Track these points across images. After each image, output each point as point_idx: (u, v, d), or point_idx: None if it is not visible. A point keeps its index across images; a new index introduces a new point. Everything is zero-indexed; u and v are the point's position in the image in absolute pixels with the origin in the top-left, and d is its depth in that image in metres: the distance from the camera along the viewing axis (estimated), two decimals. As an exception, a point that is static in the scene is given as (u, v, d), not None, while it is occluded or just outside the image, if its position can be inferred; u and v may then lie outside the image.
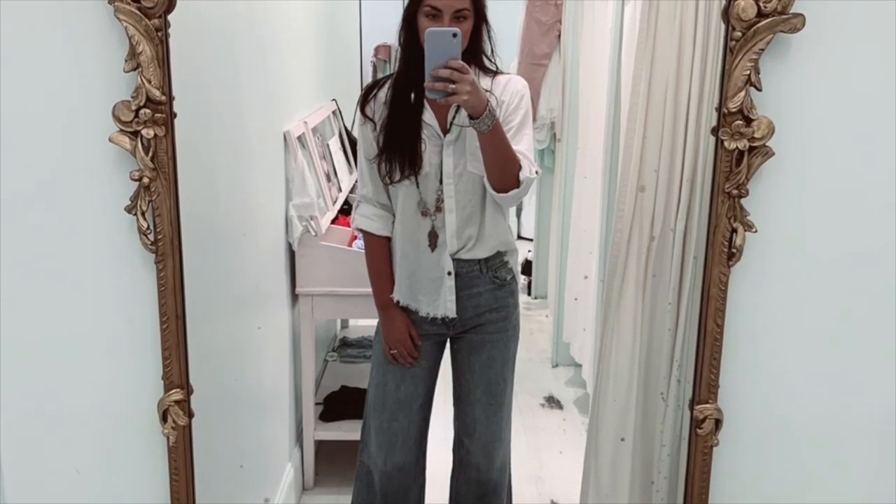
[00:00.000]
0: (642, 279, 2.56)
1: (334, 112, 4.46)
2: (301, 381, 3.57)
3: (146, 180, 1.87)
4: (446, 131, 2.49)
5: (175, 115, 1.87)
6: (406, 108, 2.49)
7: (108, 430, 2.08)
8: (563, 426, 4.22)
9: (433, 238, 2.56)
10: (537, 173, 2.48)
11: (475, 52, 2.47)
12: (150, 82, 1.82)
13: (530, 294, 6.10)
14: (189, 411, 2.02)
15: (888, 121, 2.01)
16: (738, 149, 1.94)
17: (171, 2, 1.81)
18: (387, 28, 2.85)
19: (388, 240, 2.65)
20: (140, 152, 1.85)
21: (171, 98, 1.86)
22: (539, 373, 4.89)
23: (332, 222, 3.66)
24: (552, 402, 4.47)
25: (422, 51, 2.24)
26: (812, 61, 1.97)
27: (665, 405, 2.52)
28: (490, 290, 2.61)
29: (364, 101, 2.57)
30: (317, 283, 3.47)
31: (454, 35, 2.20)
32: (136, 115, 1.83)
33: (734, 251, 2.01)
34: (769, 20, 1.87)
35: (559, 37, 5.09)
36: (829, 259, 2.09)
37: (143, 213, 1.89)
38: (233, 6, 2.64)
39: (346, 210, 3.84)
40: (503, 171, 2.40)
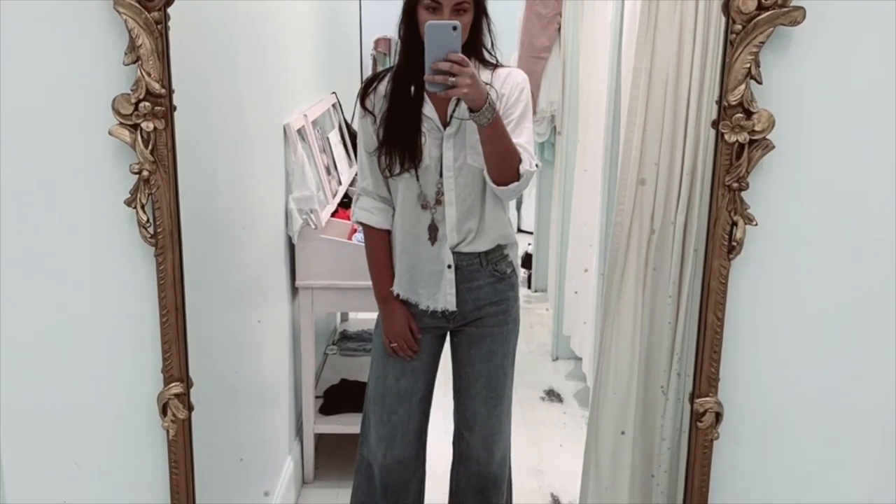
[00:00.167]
0: (642, 272, 2.55)
1: (334, 105, 4.46)
2: (301, 374, 3.57)
3: (146, 173, 1.86)
4: (446, 124, 2.49)
5: (175, 108, 1.87)
6: (406, 101, 2.49)
7: (108, 423, 2.07)
8: (564, 419, 4.22)
9: (433, 231, 2.56)
10: (537, 166, 2.48)
11: (475, 45, 2.46)
12: (149, 75, 1.81)
13: (530, 287, 6.10)
14: (189, 405, 2.02)
15: (889, 114, 2.01)
16: (738, 142, 1.94)
17: (170, -6, 1.81)
18: (387, 21, 2.84)
19: (388, 233, 2.65)
20: (140, 145, 1.85)
21: (170, 91, 1.85)
22: (539, 366, 4.90)
23: (332, 215, 3.66)
24: (552, 395, 4.47)
25: (422, 44, 2.24)
26: (812, 54, 1.96)
27: (665, 398, 2.51)
28: (490, 283, 2.61)
29: (364, 94, 2.56)
30: (317, 277, 3.47)
31: (454, 28, 2.20)
32: (136, 108, 1.83)
33: (734, 244, 2.01)
34: (769, 13, 1.87)
35: (559, 30, 5.08)
36: (830, 252, 2.09)
37: (143, 207, 1.89)
38: (232, -1, 2.64)
39: (346, 203, 3.84)
40: (503, 164, 2.40)
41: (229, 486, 2.65)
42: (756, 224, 2.01)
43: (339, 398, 3.78)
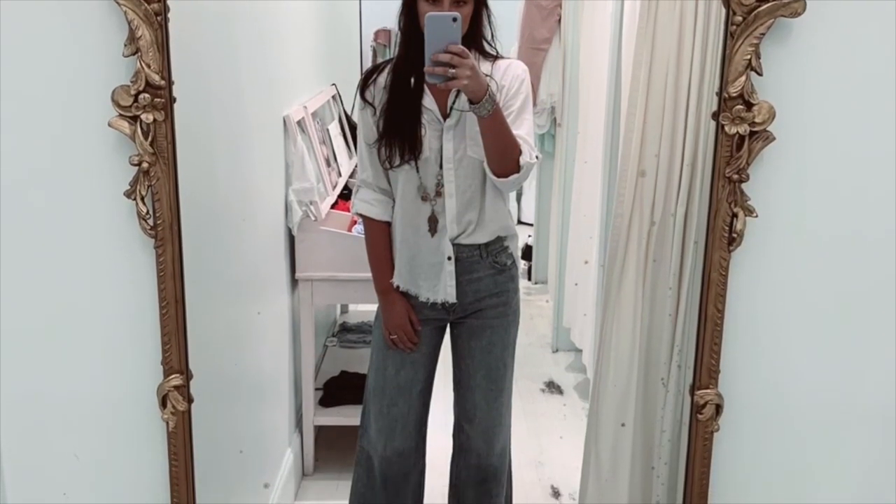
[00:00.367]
0: (643, 264, 2.55)
1: (334, 97, 4.46)
2: (301, 366, 3.57)
3: (145, 165, 1.86)
4: (446, 116, 2.49)
5: (174, 100, 1.87)
6: (406, 92, 2.49)
7: (108, 415, 2.08)
8: (564, 411, 4.22)
9: (433, 223, 2.55)
10: (537, 158, 2.48)
11: (475, 37, 2.46)
12: (149, 67, 1.81)
13: (530, 279, 6.10)
14: (188, 397, 2.02)
15: (889, 105, 2.00)
16: (738, 133, 1.94)
17: (170, -14, 1.81)
18: (387, 12, 2.84)
19: (387, 225, 2.65)
20: (139, 137, 1.84)
21: (170, 83, 1.85)
22: (539, 358, 4.90)
23: (332, 207, 3.66)
24: (552, 387, 4.47)
25: (422, 35, 2.23)
26: (813, 46, 1.96)
27: (665, 390, 2.51)
28: (490, 275, 2.61)
29: (364, 86, 2.56)
30: (316, 269, 3.47)
31: (454, 19, 2.19)
32: (136, 100, 1.83)
33: (735, 236, 2.01)
34: (770, 4, 1.86)
35: (559, 21, 5.07)
36: (830, 244, 2.09)
37: (143, 198, 1.89)
38: (232, -10, 2.64)
39: (345, 195, 3.84)
40: (503, 156, 2.40)
41: (229, 478, 2.65)
42: (756, 216, 2.01)
43: (338, 390, 3.77)
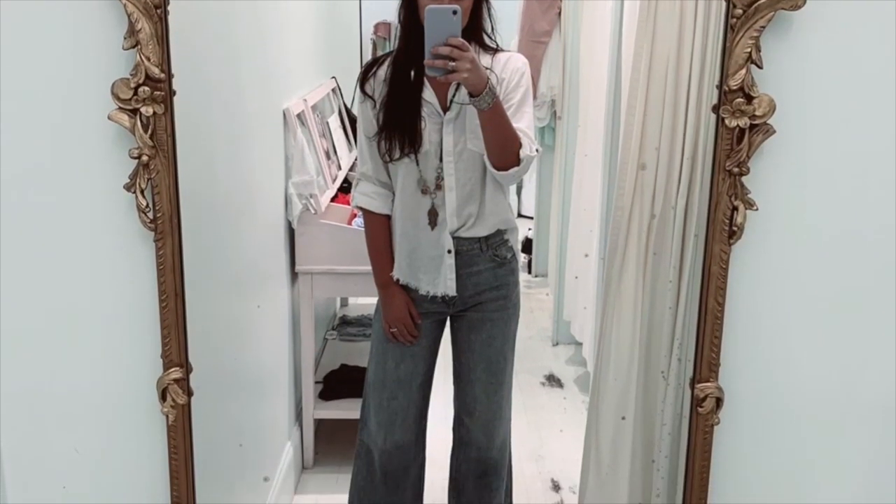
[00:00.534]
0: (643, 257, 2.55)
1: (334, 90, 4.45)
2: (300, 359, 3.57)
3: (145, 158, 1.86)
4: (446, 109, 2.48)
5: (174, 93, 1.87)
6: (406, 85, 2.48)
7: (108, 408, 2.07)
8: (564, 405, 4.23)
9: (433, 216, 2.55)
10: (538, 151, 2.48)
11: (475, 30, 2.46)
12: (149, 60, 1.81)
13: (531, 272, 6.10)
14: (188, 390, 2.02)
15: (889, 98, 2.00)
16: (739, 126, 1.94)
17: (169, -22, 1.81)
18: (386, 5, 2.84)
19: (387, 218, 2.64)
20: (139, 130, 1.84)
21: (170, 75, 1.85)
22: (539, 351, 4.90)
23: (332, 200, 3.66)
24: (552, 380, 4.47)
25: (422, 28, 2.23)
26: (813, 39, 1.96)
27: (666, 384, 2.51)
28: (490, 268, 2.61)
29: (364, 79, 2.56)
30: (316, 262, 3.47)
31: (454, 12, 2.19)
32: (135, 93, 1.82)
33: (735, 229, 2.01)
34: (770, -3, 1.86)
35: (559, 14, 5.07)
36: (830, 237, 2.09)
37: (143, 191, 1.88)
38: (232, -17, 2.63)
39: (345, 188, 3.84)
40: (503, 149, 2.39)
41: (229, 471, 2.65)
42: (757, 209, 2.01)
43: (338, 383, 3.78)
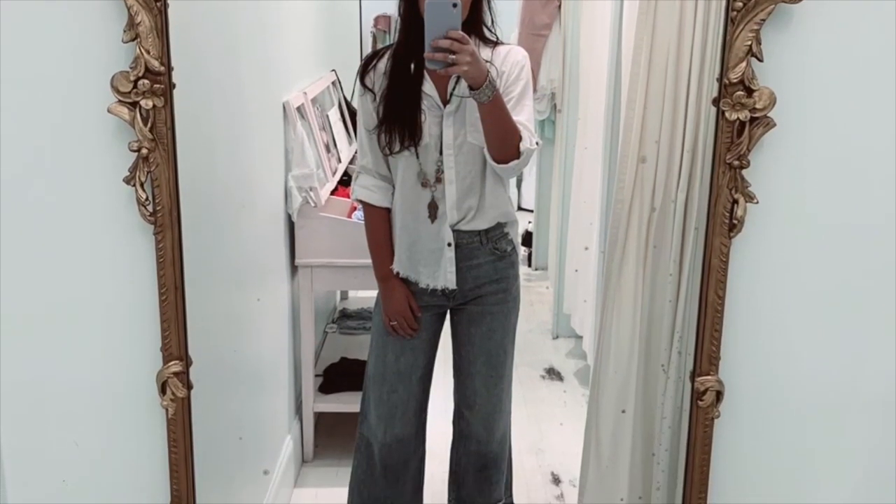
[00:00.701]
0: (643, 250, 2.55)
1: (334, 83, 4.45)
2: (300, 352, 3.57)
3: (145, 151, 1.86)
4: (446, 102, 2.48)
5: (174, 86, 1.86)
6: (406, 78, 2.48)
7: (107, 401, 2.07)
8: (564, 398, 4.23)
9: (433, 209, 2.55)
10: (538, 144, 2.48)
11: (475, 23, 2.46)
12: (148, 53, 1.80)
13: (531, 265, 6.10)
14: (188, 383, 2.02)
15: (889, 91, 2.00)
16: (739, 119, 1.94)
17: (169, -29, 1.80)
18: (386, -2, 2.84)
19: (387, 211, 2.64)
20: (139, 123, 1.84)
21: (169, 68, 1.84)
22: (539, 344, 4.90)
23: (332, 193, 3.65)
24: (552, 373, 4.47)
25: (422, 21, 2.22)
26: (814, 32, 1.96)
27: (666, 377, 2.51)
28: (490, 261, 2.61)
29: (364, 72, 2.55)
30: (316, 255, 3.47)
31: (454, 5, 2.18)
32: (135, 86, 1.82)
33: (735, 222, 2.01)
34: (771, -10, 1.86)
35: (560, 7, 5.06)
36: (831, 230, 2.09)
37: (142, 185, 1.88)
38: (231, -24, 2.63)
39: (345, 181, 3.83)
40: (503, 142, 2.39)
41: (228, 464, 2.65)
42: (757, 202, 2.01)
43: (338, 377, 3.78)
